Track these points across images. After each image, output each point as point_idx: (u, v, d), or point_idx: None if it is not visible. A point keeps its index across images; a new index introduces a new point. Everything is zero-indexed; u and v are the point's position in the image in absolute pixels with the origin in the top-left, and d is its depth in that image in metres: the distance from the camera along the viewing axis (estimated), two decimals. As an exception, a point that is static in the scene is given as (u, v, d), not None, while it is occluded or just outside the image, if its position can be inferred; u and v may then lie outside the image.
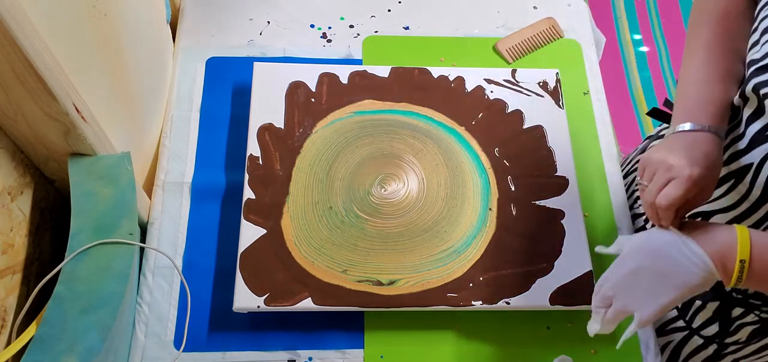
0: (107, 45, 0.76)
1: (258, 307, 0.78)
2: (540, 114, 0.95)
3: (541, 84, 0.98)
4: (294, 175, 0.87)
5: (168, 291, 0.83)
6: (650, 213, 0.65)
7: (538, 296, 0.82)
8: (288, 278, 0.80)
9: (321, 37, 1.05)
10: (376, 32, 1.07)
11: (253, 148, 0.88)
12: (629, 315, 0.65)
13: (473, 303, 0.81)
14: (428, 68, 0.98)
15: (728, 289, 0.75)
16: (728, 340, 0.80)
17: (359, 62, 1.03)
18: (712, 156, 0.63)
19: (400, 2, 1.10)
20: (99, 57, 0.74)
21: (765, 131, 0.63)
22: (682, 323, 0.83)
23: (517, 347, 0.83)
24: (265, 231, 0.83)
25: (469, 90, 0.97)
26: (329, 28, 1.06)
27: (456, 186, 0.89)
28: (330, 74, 0.95)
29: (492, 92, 0.97)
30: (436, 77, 0.97)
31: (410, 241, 0.84)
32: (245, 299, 0.78)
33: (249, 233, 0.82)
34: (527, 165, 0.91)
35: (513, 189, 0.90)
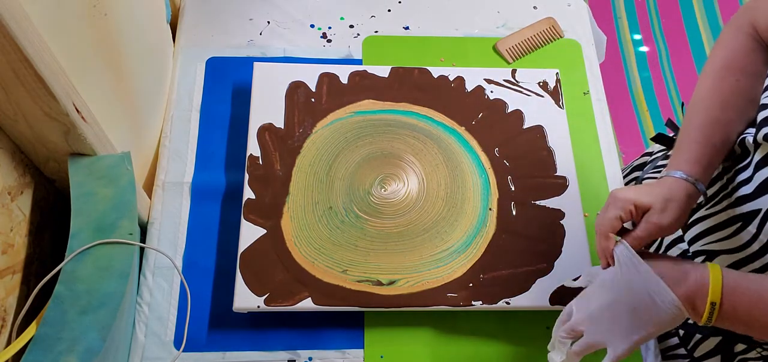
0: (107, 45, 0.75)
1: (258, 307, 0.78)
2: (540, 114, 0.95)
3: (541, 84, 0.98)
4: (294, 175, 0.87)
5: (168, 291, 0.83)
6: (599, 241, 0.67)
7: (538, 296, 0.82)
8: (288, 278, 0.80)
9: (321, 37, 1.05)
10: (376, 32, 1.07)
11: (253, 148, 0.88)
12: (597, 349, 0.65)
13: (473, 303, 0.81)
14: (428, 68, 0.98)
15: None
16: None
17: (359, 62, 1.03)
18: (683, 206, 0.65)
19: (400, 2, 1.11)
20: (99, 57, 0.74)
21: None
22: (684, 351, 0.83)
23: (517, 347, 0.83)
24: (265, 231, 0.83)
25: (469, 90, 0.97)
26: (329, 28, 1.06)
27: (456, 186, 0.89)
28: (330, 74, 0.95)
29: (492, 92, 0.97)
30: (436, 77, 0.97)
31: (410, 241, 0.84)
32: (245, 299, 0.78)
33: (249, 233, 0.82)
34: (527, 165, 0.91)
35: (513, 189, 0.90)
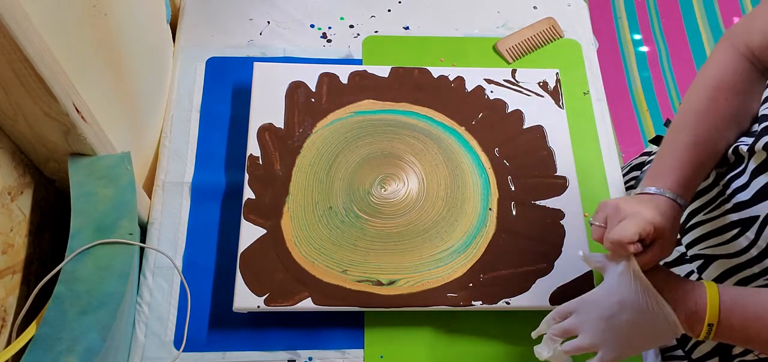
0: (107, 45, 0.75)
1: (258, 307, 0.78)
2: (540, 114, 0.95)
3: (541, 84, 0.98)
4: (294, 175, 0.87)
5: (168, 291, 0.83)
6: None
7: (538, 296, 0.82)
8: (288, 278, 0.80)
9: (321, 37, 1.05)
10: (376, 32, 1.07)
11: (253, 148, 0.88)
12: (587, 352, 0.67)
13: (473, 303, 0.81)
14: (428, 68, 0.98)
15: None
16: None
17: (359, 62, 1.03)
18: (669, 215, 0.66)
19: (400, 2, 1.10)
20: (99, 57, 0.74)
21: None
22: (681, 352, 0.83)
23: (517, 347, 0.83)
24: (265, 231, 0.83)
25: (469, 90, 0.97)
26: (329, 28, 1.06)
27: (456, 186, 0.89)
28: (330, 74, 0.95)
29: (492, 92, 0.97)
30: (436, 77, 0.97)
31: (410, 241, 0.84)
32: (245, 299, 0.78)
33: (249, 233, 0.82)
34: (527, 165, 0.91)
35: (513, 189, 0.90)
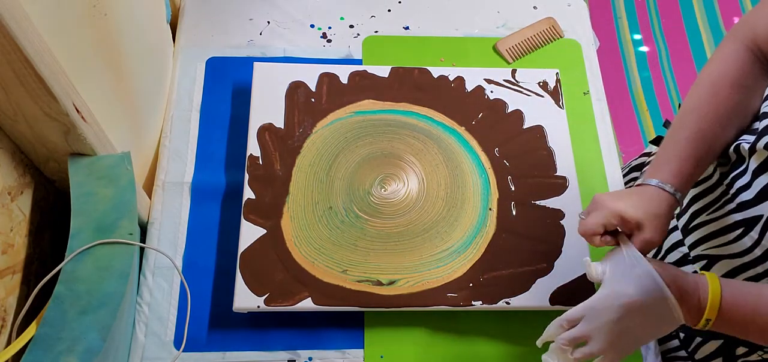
0: (107, 45, 0.75)
1: (258, 307, 0.78)
2: (540, 114, 0.95)
3: (541, 84, 0.98)
4: (294, 175, 0.87)
5: (168, 291, 0.83)
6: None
7: (538, 296, 0.82)
8: (288, 278, 0.80)
9: (321, 37, 1.05)
10: (376, 32, 1.07)
11: (253, 148, 0.88)
12: (597, 357, 0.66)
13: (473, 303, 0.81)
14: (428, 68, 0.98)
15: None
16: None
17: (359, 62, 1.03)
18: (668, 221, 0.67)
19: (400, 2, 1.10)
20: (99, 57, 0.74)
21: None
22: (685, 354, 0.83)
23: (517, 347, 0.83)
24: (265, 231, 0.83)
25: (469, 90, 0.97)
26: (329, 28, 1.06)
27: (456, 186, 0.89)
28: (330, 74, 0.95)
29: (492, 92, 0.97)
30: (436, 77, 0.97)
31: (410, 241, 0.84)
32: (245, 299, 0.78)
33: (249, 233, 0.82)
34: (527, 165, 0.91)
35: (513, 189, 0.90)
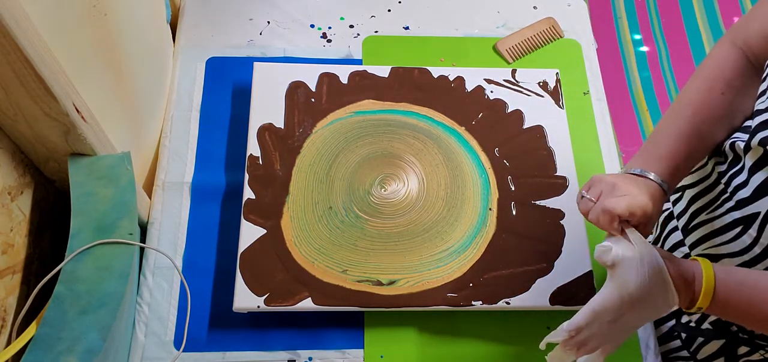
0: (107, 45, 0.75)
1: (258, 307, 0.78)
2: (540, 114, 0.95)
3: (541, 84, 0.98)
4: (294, 175, 0.87)
5: (168, 291, 0.83)
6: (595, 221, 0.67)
7: (538, 296, 0.82)
8: (288, 278, 0.80)
9: (321, 37, 1.05)
10: (376, 32, 1.07)
11: (253, 148, 0.88)
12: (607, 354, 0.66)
13: (473, 303, 0.81)
14: (428, 68, 0.98)
15: (734, 329, 0.76)
16: None
17: (359, 62, 1.03)
18: (656, 201, 0.66)
19: (400, 2, 1.10)
20: (99, 57, 0.74)
21: None
22: (686, 353, 0.83)
23: (517, 347, 0.83)
24: (265, 231, 0.83)
25: (469, 90, 0.97)
26: (329, 28, 1.06)
27: (456, 186, 0.89)
28: (330, 74, 0.95)
29: (492, 92, 0.97)
30: (436, 77, 0.97)
31: (410, 241, 0.84)
32: (245, 299, 0.78)
33: (249, 233, 0.82)
34: (527, 165, 0.91)
35: (513, 189, 0.90)
